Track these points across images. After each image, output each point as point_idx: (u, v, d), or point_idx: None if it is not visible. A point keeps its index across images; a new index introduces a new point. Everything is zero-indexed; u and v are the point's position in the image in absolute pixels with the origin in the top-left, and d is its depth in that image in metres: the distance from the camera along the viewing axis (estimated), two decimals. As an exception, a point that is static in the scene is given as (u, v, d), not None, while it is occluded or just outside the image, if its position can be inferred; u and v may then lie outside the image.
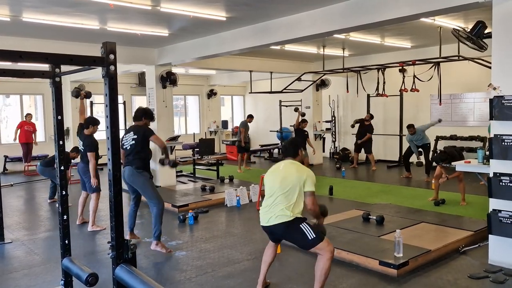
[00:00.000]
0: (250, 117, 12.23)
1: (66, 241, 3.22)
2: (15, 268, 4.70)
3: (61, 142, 3.21)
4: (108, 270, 3.35)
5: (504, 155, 4.18)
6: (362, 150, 11.56)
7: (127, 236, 3.38)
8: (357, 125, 11.71)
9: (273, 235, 3.70)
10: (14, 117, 12.95)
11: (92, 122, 6.13)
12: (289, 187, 3.49)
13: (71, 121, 12.71)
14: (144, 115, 5.19)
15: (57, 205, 7.31)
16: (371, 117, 11.52)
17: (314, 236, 3.42)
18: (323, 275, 3.44)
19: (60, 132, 3.21)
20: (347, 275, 4.26)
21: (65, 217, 3.22)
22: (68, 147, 10.41)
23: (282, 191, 3.49)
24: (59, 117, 3.18)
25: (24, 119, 11.87)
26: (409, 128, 9.36)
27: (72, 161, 7.81)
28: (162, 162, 5.09)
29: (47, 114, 12.94)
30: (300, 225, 3.46)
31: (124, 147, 5.07)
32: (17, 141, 11.63)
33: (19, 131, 11.63)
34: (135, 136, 5.01)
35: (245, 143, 11.60)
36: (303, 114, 11.48)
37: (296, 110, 11.91)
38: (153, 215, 4.98)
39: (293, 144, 3.82)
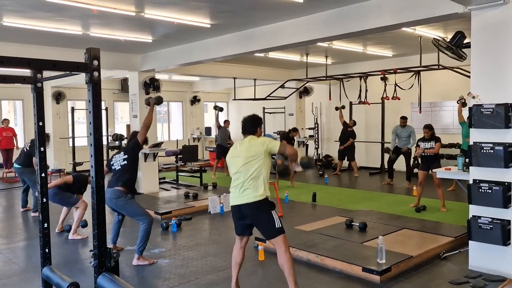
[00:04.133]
0: (226, 122, 12.33)
1: (47, 250, 3.16)
2: (-8, 278, 4.59)
3: (42, 149, 3.15)
4: (90, 279, 3.30)
5: (483, 162, 4.27)
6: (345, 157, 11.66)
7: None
8: (341, 127, 11.78)
9: (242, 216, 3.68)
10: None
11: None
12: (254, 162, 3.55)
13: (51, 127, 12.51)
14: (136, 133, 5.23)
15: (31, 213, 7.21)
16: (354, 123, 11.64)
17: (280, 226, 3.60)
18: (290, 266, 3.55)
19: (41, 139, 3.16)
20: (330, 282, 4.28)
21: (45, 225, 3.15)
22: (49, 154, 10.22)
23: (248, 169, 3.56)
24: (41, 123, 3.12)
25: (2, 125, 11.62)
26: (402, 119, 9.44)
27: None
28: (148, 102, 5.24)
29: (27, 119, 12.71)
30: (272, 211, 3.61)
31: (112, 168, 5.02)
32: None
33: None
34: (126, 156, 4.98)
35: (221, 145, 11.68)
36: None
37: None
38: (142, 230, 4.87)
39: (253, 120, 3.77)
